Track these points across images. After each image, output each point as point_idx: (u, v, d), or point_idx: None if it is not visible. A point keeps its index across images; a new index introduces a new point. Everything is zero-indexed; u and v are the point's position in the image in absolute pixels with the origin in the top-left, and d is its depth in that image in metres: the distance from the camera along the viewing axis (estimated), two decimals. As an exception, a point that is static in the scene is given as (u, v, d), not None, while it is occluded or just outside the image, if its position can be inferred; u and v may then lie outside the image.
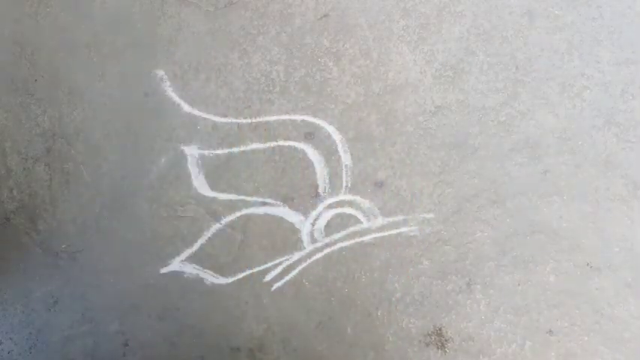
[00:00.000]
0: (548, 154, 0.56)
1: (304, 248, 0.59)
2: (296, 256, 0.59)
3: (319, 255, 0.59)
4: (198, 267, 0.59)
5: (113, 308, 0.60)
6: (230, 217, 0.59)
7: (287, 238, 0.59)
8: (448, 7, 0.57)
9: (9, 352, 0.61)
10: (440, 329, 0.57)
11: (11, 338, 0.61)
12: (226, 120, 0.59)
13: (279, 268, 0.59)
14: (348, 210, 0.58)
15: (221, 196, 0.59)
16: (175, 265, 0.59)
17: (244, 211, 0.59)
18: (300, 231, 0.58)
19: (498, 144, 0.57)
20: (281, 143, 0.58)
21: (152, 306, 0.60)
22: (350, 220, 0.58)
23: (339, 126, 0.58)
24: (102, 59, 0.59)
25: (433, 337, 0.58)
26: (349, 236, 0.58)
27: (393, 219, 0.58)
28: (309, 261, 0.59)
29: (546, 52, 0.56)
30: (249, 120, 0.58)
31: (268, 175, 0.58)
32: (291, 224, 0.59)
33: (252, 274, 0.59)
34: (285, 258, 0.59)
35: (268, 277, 0.59)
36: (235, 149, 0.59)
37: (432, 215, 0.57)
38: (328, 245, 0.58)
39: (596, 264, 0.56)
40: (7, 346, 0.61)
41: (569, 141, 0.56)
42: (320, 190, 0.58)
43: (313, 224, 0.58)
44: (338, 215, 0.58)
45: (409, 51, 0.57)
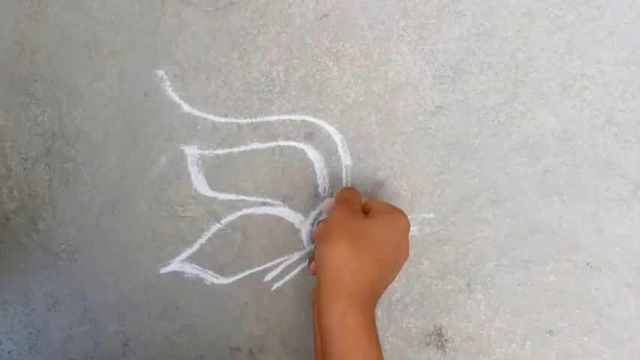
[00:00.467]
0: (548, 154, 0.56)
1: (304, 248, 0.59)
2: (296, 256, 0.59)
3: (319, 255, 0.58)
4: (198, 267, 0.59)
5: (113, 308, 0.60)
6: (230, 217, 0.59)
7: (287, 238, 0.59)
8: (448, 7, 0.57)
9: (9, 352, 0.61)
10: (440, 329, 0.57)
11: (11, 338, 0.61)
12: (226, 120, 0.59)
13: (279, 268, 0.59)
14: (348, 210, 0.58)
15: (221, 196, 0.59)
16: (175, 265, 0.59)
17: (244, 211, 0.59)
18: (300, 231, 0.58)
19: (498, 144, 0.57)
20: (281, 143, 0.58)
21: (152, 306, 0.60)
22: (350, 220, 0.58)
23: (339, 126, 0.58)
24: (102, 59, 0.59)
25: (433, 337, 0.57)
26: (349, 236, 0.58)
27: (393, 219, 0.58)
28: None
29: (546, 52, 0.56)
30: (249, 120, 0.58)
31: (268, 175, 0.58)
32: (291, 224, 0.59)
33: (252, 274, 0.59)
34: (285, 258, 0.59)
35: (268, 277, 0.59)
36: (235, 149, 0.59)
37: (432, 215, 0.57)
38: (328, 245, 0.58)
39: (596, 264, 0.56)
40: (7, 346, 0.61)
41: (569, 141, 0.56)
42: (320, 190, 0.58)
43: (313, 224, 0.58)
44: (338, 215, 0.58)
45: (409, 51, 0.57)
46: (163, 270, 0.59)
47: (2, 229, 0.61)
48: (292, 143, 0.58)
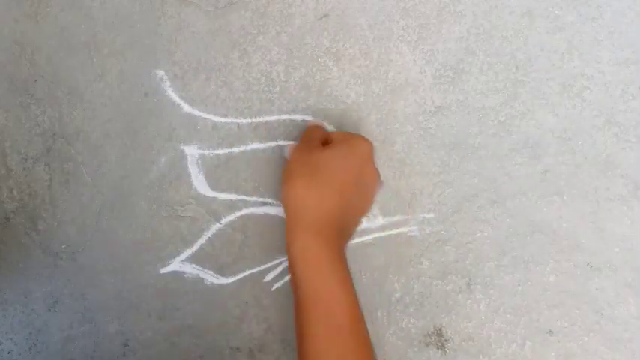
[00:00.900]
0: (548, 154, 0.56)
1: (304, 248, 0.58)
2: (296, 256, 0.59)
3: (319, 255, 0.58)
4: (198, 267, 0.59)
5: (113, 308, 0.60)
6: (230, 217, 0.59)
7: (287, 238, 0.59)
8: (448, 7, 0.57)
9: (9, 352, 0.61)
10: (440, 329, 0.57)
11: (11, 338, 0.61)
12: (226, 120, 0.59)
13: (279, 268, 0.59)
14: (348, 210, 0.58)
15: (221, 196, 0.59)
16: (175, 265, 0.59)
17: (244, 211, 0.59)
18: (300, 231, 0.58)
19: (498, 144, 0.57)
20: (281, 143, 0.58)
21: (152, 306, 0.60)
22: (350, 220, 0.58)
23: (339, 126, 0.58)
24: (102, 59, 0.59)
25: (433, 337, 0.57)
26: (349, 236, 0.58)
27: (393, 219, 0.58)
28: (309, 261, 0.58)
29: (546, 52, 0.56)
30: (249, 120, 0.58)
31: (268, 175, 0.58)
32: (291, 224, 0.58)
33: (252, 274, 0.59)
34: (285, 258, 0.59)
35: (268, 277, 0.59)
36: (235, 149, 0.59)
37: (432, 215, 0.57)
38: (328, 245, 0.58)
39: (596, 264, 0.56)
40: (7, 346, 0.61)
41: (569, 141, 0.56)
42: (320, 190, 0.58)
43: (313, 224, 0.58)
44: (338, 215, 0.58)
45: (409, 51, 0.57)
46: (163, 270, 0.59)
47: (2, 229, 0.61)
48: (292, 143, 0.58)
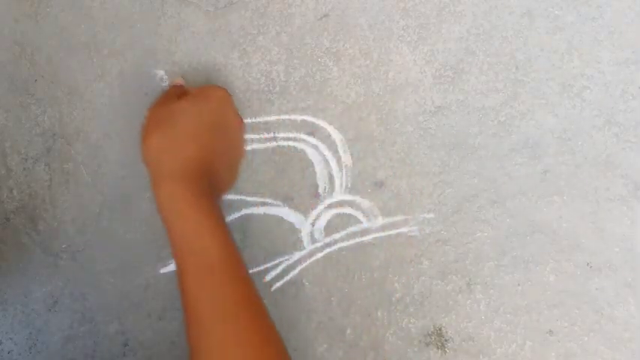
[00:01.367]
0: (548, 154, 0.56)
1: (304, 248, 0.59)
2: (296, 256, 0.59)
3: (319, 255, 0.58)
4: (198, 267, 0.59)
5: (113, 308, 0.60)
6: (230, 217, 0.59)
7: (287, 238, 0.59)
8: (448, 7, 0.57)
9: (9, 352, 0.61)
10: (440, 329, 0.57)
11: (11, 338, 0.61)
12: (226, 120, 0.59)
13: (279, 268, 0.59)
14: (348, 210, 0.58)
15: (221, 196, 0.59)
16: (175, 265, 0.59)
17: (244, 211, 0.59)
18: (300, 231, 0.58)
19: (498, 144, 0.57)
20: (281, 143, 0.58)
21: (152, 306, 0.60)
22: (350, 220, 0.58)
23: (339, 126, 0.58)
24: (102, 59, 0.59)
25: (433, 337, 0.57)
26: (349, 236, 0.58)
27: (393, 219, 0.58)
28: (309, 261, 0.58)
29: (546, 52, 0.56)
30: (249, 120, 0.58)
31: (268, 175, 0.58)
32: (291, 224, 0.59)
33: (252, 274, 0.59)
34: (285, 258, 0.59)
35: (268, 277, 0.59)
36: (235, 149, 0.59)
37: (432, 215, 0.57)
38: (328, 245, 0.58)
39: (596, 264, 0.56)
40: (7, 346, 0.61)
41: (569, 141, 0.56)
42: (320, 190, 0.58)
43: (313, 224, 0.58)
44: (338, 215, 0.58)
45: (409, 51, 0.57)
46: (163, 270, 0.59)
47: (2, 229, 0.61)
48: (292, 143, 0.58)
